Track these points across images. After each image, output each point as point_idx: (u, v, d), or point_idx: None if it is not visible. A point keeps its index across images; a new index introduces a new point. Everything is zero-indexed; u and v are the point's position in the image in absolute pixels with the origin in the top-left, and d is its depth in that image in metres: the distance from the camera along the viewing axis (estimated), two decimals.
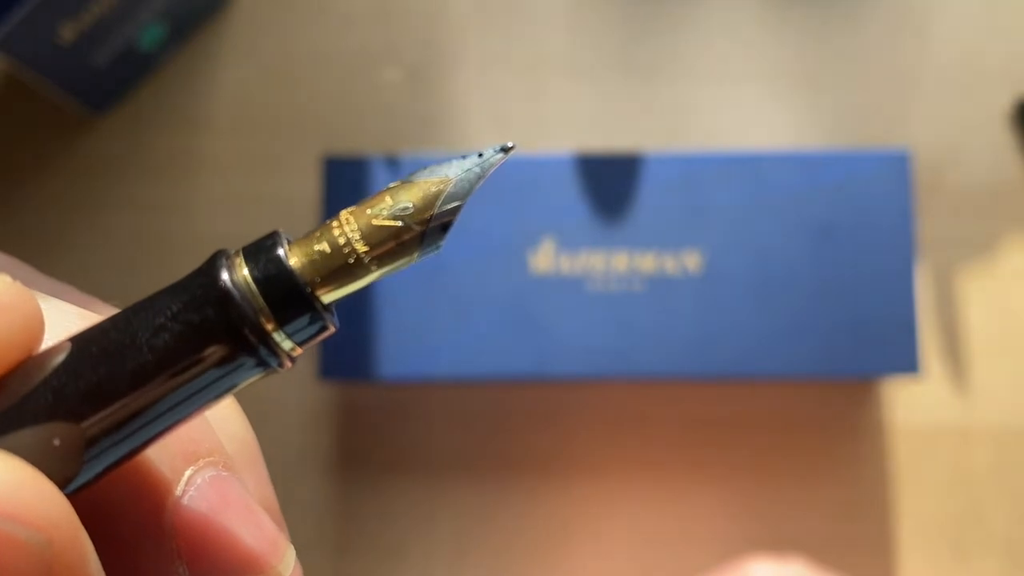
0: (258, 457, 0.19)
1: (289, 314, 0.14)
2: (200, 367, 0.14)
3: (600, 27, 0.44)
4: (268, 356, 0.14)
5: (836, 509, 0.40)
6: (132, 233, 0.42)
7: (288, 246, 0.14)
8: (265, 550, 0.15)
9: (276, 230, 0.15)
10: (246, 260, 0.14)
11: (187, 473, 0.15)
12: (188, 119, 0.43)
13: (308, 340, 0.14)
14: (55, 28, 0.37)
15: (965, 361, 0.41)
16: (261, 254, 0.14)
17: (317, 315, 0.14)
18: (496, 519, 0.40)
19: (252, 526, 0.15)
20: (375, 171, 0.38)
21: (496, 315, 0.37)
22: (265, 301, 0.14)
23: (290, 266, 0.14)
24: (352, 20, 0.44)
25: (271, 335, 0.14)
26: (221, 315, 0.14)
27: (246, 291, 0.14)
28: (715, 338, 0.36)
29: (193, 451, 0.15)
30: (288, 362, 0.14)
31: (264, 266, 0.14)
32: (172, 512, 0.15)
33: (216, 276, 0.14)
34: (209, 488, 0.15)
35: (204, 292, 0.14)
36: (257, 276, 0.14)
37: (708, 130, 0.43)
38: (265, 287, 0.14)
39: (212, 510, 0.15)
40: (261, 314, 0.14)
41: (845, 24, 0.43)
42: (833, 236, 0.37)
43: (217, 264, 0.14)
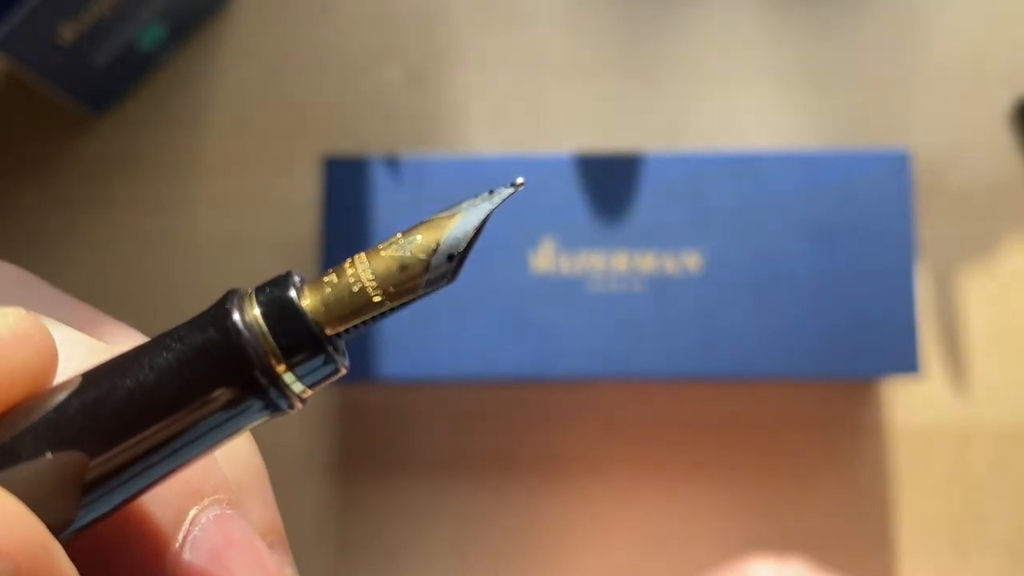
0: (264, 479, 0.19)
1: (300, 356, 0.14)
2: (209, 409, 0.14)
3: (600, 27, 0.44)
4: (278, 398, 0.14)
5: (836, 509, 0.40)
6: (132, 233, 0.42)
7: (300, 286, 0.14)
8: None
9: (290, 271, 0.15)
10: (257, 300, 0.14)
11: (191, 513, 0.15)
12: (188, 119, 0.43)
13: (319, 382, 0.14)
14: (55, 28, 0.37)
15: (965, 361, 0.41)
16: (273, 294, 0.14)
17: (328, 357, 0.14)
18: (496, 519, 0.40)
19: (255, 565, 0.15)
20: (375, 171, 0.38)
21: (496, 315, 0.37)
22: (276, 342, 0.14)
23: (302, 307, 0.14)
24: (352, 20, 0.44)
25: (281, 376, 0.14)
26: (231, 356, 0.14)
27: (257, 332, 0.14)
28: (715, 338, 0.36)
29: (198, 489, 0.15)
30: (298, 403, 0.14)
31: (275, 306, 0.14)
32: (175, 555, 0.15)
33: (227, 316, 0.14)
34: (213, 528, 0.15)
35: (215, 332, 0.14)
36: (268, 317, 0.14)
37: (708, 130, 0.43)
38: (276, 328, 0.14)
39: (216, 550, 0.15)
40: (272, 355, 0.14)
41: (845, 24, 0.43)
42: (833, 236, 0.37)
43: (228, 303, 0.14)
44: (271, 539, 0.18)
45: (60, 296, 0.20)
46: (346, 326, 0.14)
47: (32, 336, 0.14)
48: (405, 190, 0.38)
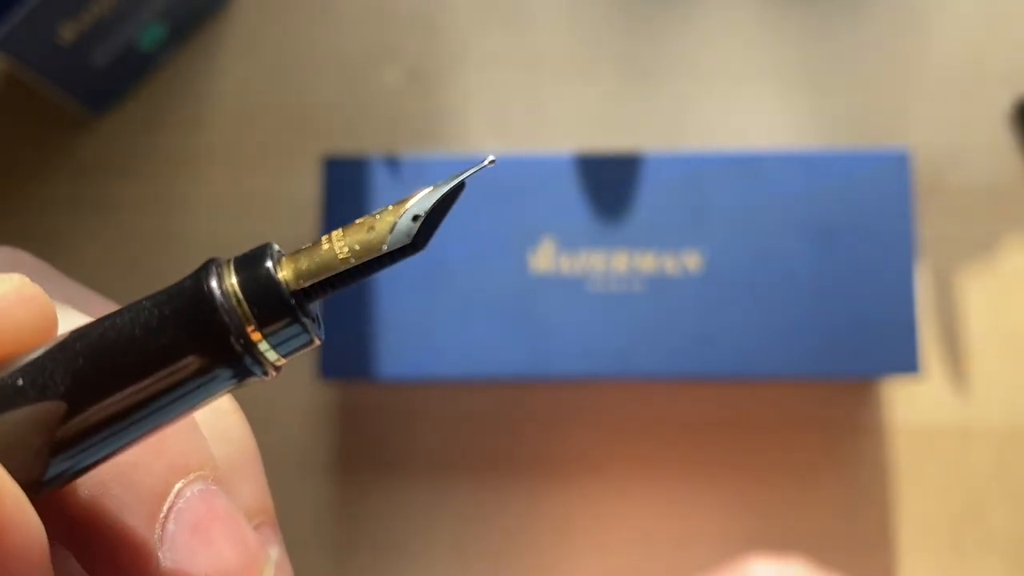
0: (256, 460, 0.19)
1: (274, 323, 0.14)
2: (184, 372, 0.14)
3: (600, 27, 0.44)
4: (253, 365, 0.14)
5: (836, 509, 0.40)
6: (132, 233, 0.42)
7: (277, 257, 0.15)
8: (245, 565, 0.16)
9: (268, 242, 0.15)
10: (236, 270, 0.14)
11: (177, 486, 0.16)
12: (188, 119, 0.43)
13: (293, 351, 0.15)
14: (55, 28, 0.37)
15: (965, 361, 0.41)
16: (251, 264, 0.14)
17: (302, 326, 0.14)
18: (496, 519, 0.40)
19: (235, 540, 0.16)
20: (375, 171, 0.38)
21: (496, 315, 0.37)
22: (251, 310, 0.14)
23: (277, 276, 0.14)
24: (352, 20, 0.44)
25: (256, 344, 0.14)
26: (208, 322, 0.14)
27: (233, 299, 0.14)
28: (715, 338, 0.36)
29: (184, 464, 0.16)
30: (272, 371, 0.15)
31: (252, 276, 0.14)
32: (160, 525, 0.15)
33: (205, 283, 0.14)
34: (198, 501, 0.16)
35: (193, 298, 0.14)
36: (245, 285, 0.14)
37: (708, 130, 0.43)
38: (252, 296, 0.14)
39: (199, 522, 0.16)
40: (247, 323, 0.14)
41: (845, 24, 0.43)
42: (833, 236, 0.37)
43: (207, 272, 0.14)
44: (261, 519, 0.19)
45: (74, 286, 0.20)
46: (312, 281, 0.14)
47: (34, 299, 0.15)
48: (405, 190, 0.38)
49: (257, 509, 0.19)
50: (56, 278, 0.20)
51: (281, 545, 0.19)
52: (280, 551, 0.19)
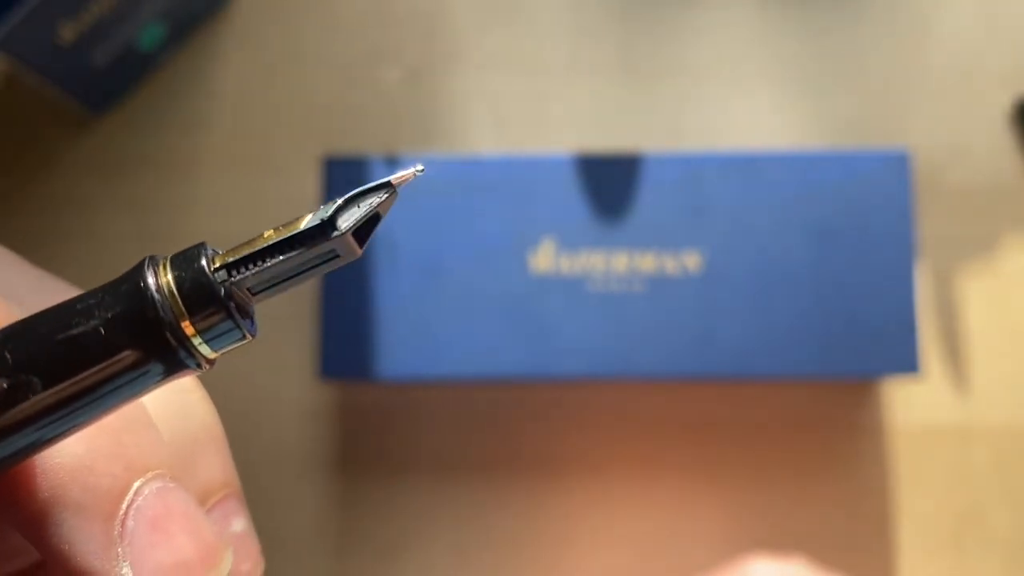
0: (219, 436, 0.20)
1: (207, 319, 0.15)
2: (120, 365, 0.15)
3: (600, 27, 0.44)
4: (187, 358, 0.15)
5: (836, 509, 0.40)
6: (132, 233, 0.42)
7: (211, 255, 0.15)
8: (203, 557, 0.17)
9: (203, 241, 0.16)
10: (171, 266, 0.15)
11: (136, 484, 0.16)
12: (188, 119, 0.43)
13: (226, 346, 0.15)
14: (55, 28, 0.37)
15: (965, 361, 0.41)
16: (185, 261, 0.15)
17: (233, 321, 0.15)
18: (496, 519, 0.40)
19: (193, 533, 0.17)
20: (375, 171, 0.38)
21: (496, 315, 0.37)
22: (184, 305, 0.15)
23: (210, 273, 0.15)
24: (352, 20, 0.44)
25: (190, 338, 0.15)
26: (144, 316, 0.15)
27: (167, 294, 0.15)
28: (715, 338, 0.36)
29: (141, 463, 0.17)
30: (207, 365, 0.15)
31: (186, 271, 0.15)
32: (121, 520, 0.16)
33: (140, 279, 0.15)
34: (155, 499, 0.17)
35: (129, 294, 0.15)
36: (179, 281, 0.15)
37: (708, 130, 0.43)
38: (185, 291, 0.15)
39: (157, 518, 0.16)
40: (180, 317, 0.15)
41: (845, 24, 0.43)
42: (833, 236, 0.37)
43: (143, 268, 0.15)
44: (225, 492, 0.20)
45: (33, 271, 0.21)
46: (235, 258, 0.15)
47: None
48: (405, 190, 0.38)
49: (221, 483, 0.20)
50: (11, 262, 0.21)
51: (247, 518, 0.20)
52: (246, 524, 0.20)
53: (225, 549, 0.17)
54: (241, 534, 0.20)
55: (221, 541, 0.17)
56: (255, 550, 0.20)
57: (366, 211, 0.15)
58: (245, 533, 0.20)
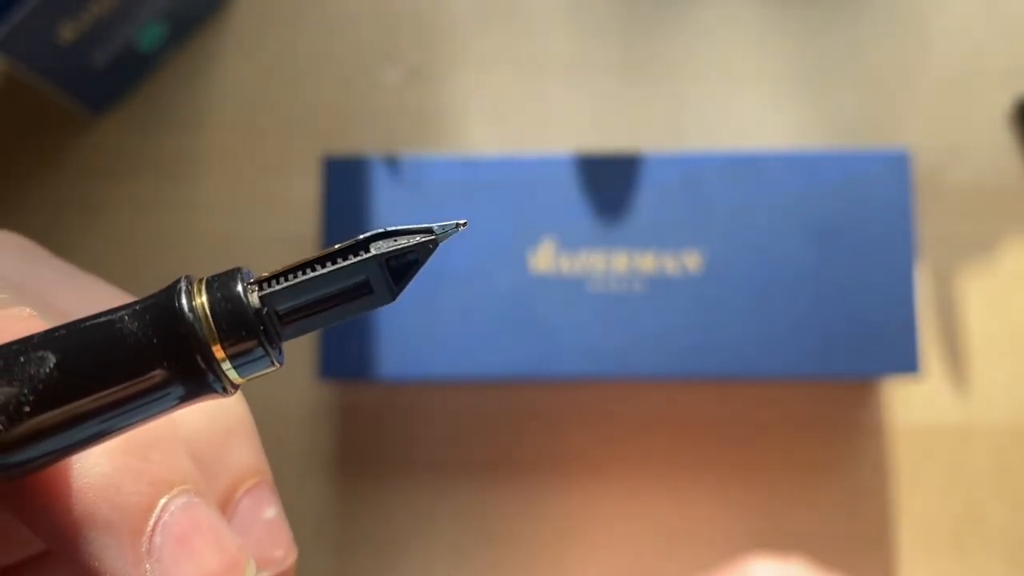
0: (250, 425, 0.21)
1: (239, 345, 0.15)
2: (148, 383, 0.15)
3: (600, 27, 0.44)
4: (214, 382, 0.15)
5: (836, 509, 0.40)
6: (132, 233, 0.42)
7: (247, 281, 0.15)
8: (227, 569, 0.17)
9: (240, 267, 0.15)
10: (206, 289, 0.15)
11: (162, 501, 0.17)
12: (188, 119, 0.43)
13: (253, 373, 0.15)
14: (55, 28, 0.37)
15: (965, 361, 0.41)
16: (221, 285, 0.15)
17: (264, 349, 0.15)
18: (496, 519, 0.40)
19: (218, 548, 0.17)
20: (375, 171, 0.38)
21: (496, 315, 0.37)
22: (218, 329, 0.15)
23: (246, 299, 0.15)
24: (352, 20, 0.44)
25: (219, 363, 0.15)
26: (175, 337, 0.15)
27: (201, 317, 0.15)
28: (715, 338, 0.36)
29: (168, 480, 0.17)
30: (232, 389, 0.15)
31: (221, 296, 0.15)
32: (149, 537, 0.16)
33: (176, 300, 0.15)
34: (182, 514, 0.17)
35: (162, 313, 0.15)
36: (213, 305, 0.15)
37: (708, 130, 0.43)
38: (219, 316, 0.15)
39: (183, 534, 0.17)
40: (213, 341, 0.15)
41: (845, 24, 0.43)
42: (833, 236, 0.37)
43: (178, 288, 0.15)
44: (257, 479, 0.20)
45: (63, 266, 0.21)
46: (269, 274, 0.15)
47: None
48: (405, 190, 0.38)
49: (253, 470, 0.20)
50: (46, 259, 0.21)
51: (278, 506, 0.20)
52: (277, 511, 0.20)
53: (247, 560, 0.18)
54: (273, 521, 0.20)
55: (243, 552, 0.18)
56: (287, 537, 0.21)
57: (401, 246, 0.15)
58: (277, 520, 0.21)
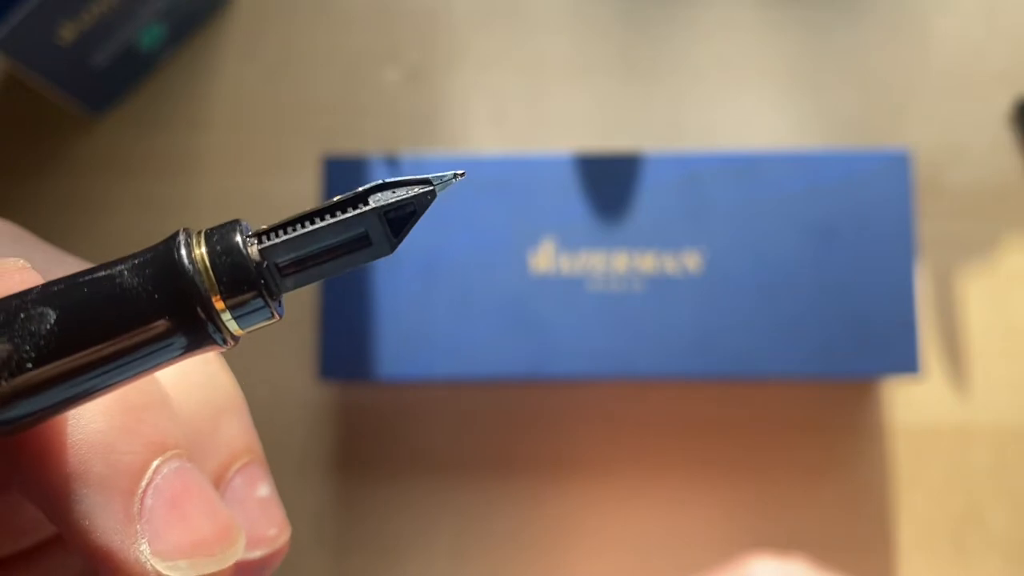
0: (241, 403, 0.21)
1: (238, 295, 0.15)
2: (149, 334, 0.15)
3: (600, 27, 0.44)
4: (214, 332, 0.15)
5: (836, 509, 0.40)
6: (132, 233, 0.42)
7: (246, 233, 0.15)
8: (219, 537, 0.17)
9: (238, 218, 0.16)
10: (205, 240, 0.15)
11: (155, 463, 0.17)
12: (188, 119, 0.43)
13: (254, 324, 0.15)
14: (55, 28, 0.37)
15: (965, 361, 0.41)
16: (220, 236, 0.15)
17: (264, 300, 0.15)
18: (496, 519, 0.40)
19: (208, 514, 0.17)
20: (375, 171, 0.38)
21: (496, 315, 0.37)
22: (217, 280, 0.15)
23: (245, 250, 0.15)
24: (352, 20, 0.44)
25: (219, 313, 0.15)
26: (176, 288, 0.15)
27: (201, 268, 0.15)
28: (715, 338, 0.36)
29: (160, 442, 0.17)
30: (231, 341, 0.15)
31: (221, 247, 0.15)
32: (140, 498, 0.16)
33: (175, 251, 0.15)
34: (174, 478, 0.17)
35: (162, 265, 0.15)
36: (213, 256, 0.15)
37: (708, 130, 0.43)
38: (218, 267, 0.15)
39: (174, 497, 0.17)
40: (212, 292, 0.15)
41: (845, 24, 0.43)
42: (833, 236, 0.37)
43: (177, 240, 0.15)
44: (248, 458, 0.20)
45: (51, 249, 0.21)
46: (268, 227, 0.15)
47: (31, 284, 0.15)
48: None
49: (245, 448, 0.20)
50: (33, 242, 0.21)
51: (271, 484, 0.20)
52: (270, 489, 0.20)
53: (239, 531, 0.17)
54: (266, 499, 0.20)
55: (235, 523, 0.18)
56: (280, 515, 0.21)
57: (400, 197, 0.15)
58: (270, 498, 0.21)
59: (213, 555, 0.17)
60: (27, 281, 0.15)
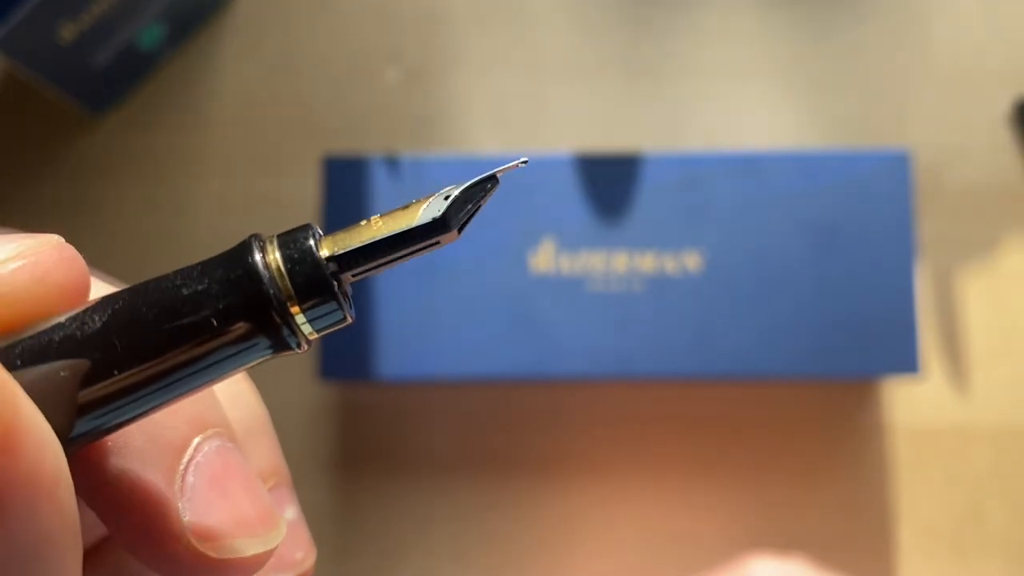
0: (268, 425, 0.20)
1: (313, 299, 0.15)
2: (222, 341, 0.15)
3: (600, 27, 0.44)
4: (288, 336, 0.15)
5: (836, 509, 0.40)
6: (132, 233, 0.42)
7: (318, 237, 0.15)
8: (261, 515, 0.17)
9: (309, 223, 0.16)
10: (279, 245, 0.15)
11: (196, 440, 0.16)
12: (188, 119, 0.43)
13: (327, 327, 0.15)
14: (55, 28, 0.37)
15: (965, 361, 0.41)
16: (293, 240, 0.15)
17: (338, 303, 0.15)
18: (496, 519, 0.40)
19: (250, 495, 0.17)
20: (375, 171, 0.38)
21: (496, 315, 0.37)
22: (292, 285, 0.15)
23: (318, 254, 0.15)
24: (352, 20, 0.44)
25: (294, 318, 0.15)
26: (250, 294, 0.15)
27: (275, 274, 0.15)
28: (715, 338, 0.36)
29: (202, 420, 0.17)
30: (305, 344, 0.15)
31: (294, 252, 0.15)
32: (181, 475, 0.16)
33: (249, 257, 0.15)
34: (215, 456, 0.16)
35: (236, 271, 0.15)
36: (287, 260, 0.15)
37: (708, 130, 0.43)
38: (293, 272, 0.15)
39: (216, 476, 0.16)
40: (288, 297, 0.15)
41: (845, 24, 0.43)
42: (833, 236, 0.37)
43: (250, 246, 0.15)
44: (275, 480, 0.20)
45: None
46: (344, 249, 0.15)
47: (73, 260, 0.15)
48: (405, 190, 0.38)
49: (271, 471, 0.20)
50: None
51: (297, 506, 0.20)
52: (297, 512, 0.20)
53: (281, 517, 0.17)
54: (293, 522, 0.20)
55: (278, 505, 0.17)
56: (307, 539, 0.20)
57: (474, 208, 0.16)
58: (297, 522, 0.20)
59: (256, 535, 0.16)
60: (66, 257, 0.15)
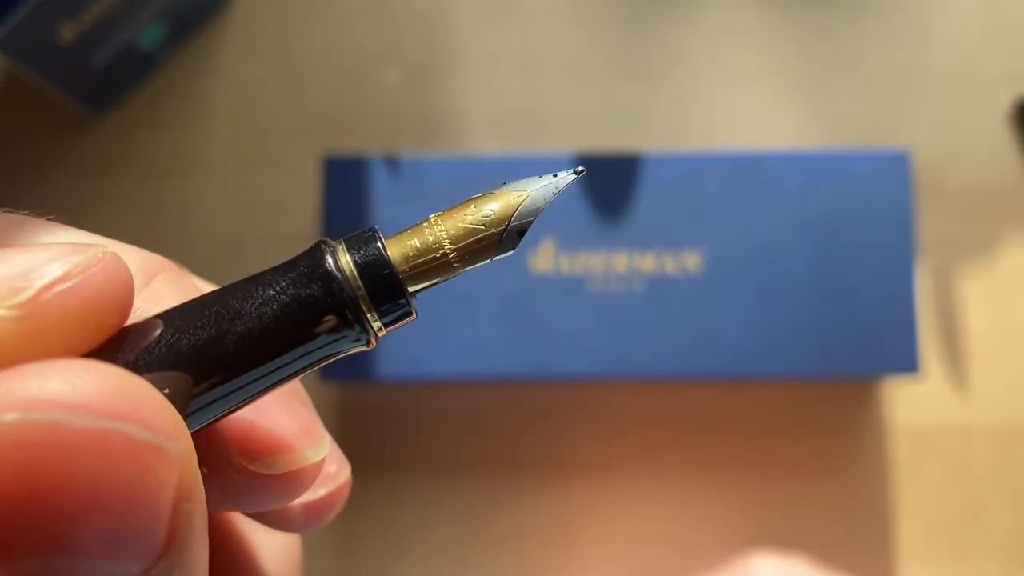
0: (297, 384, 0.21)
1: (384, 299, 0.16)
2: (302, 337, 0.16)
3: (600, 27, 0.44)
4: (361, 334, 0.16)
5: (836, 509, 0.40)
6: (132, 233, 0.42)
7: (384, 240, 0.16)
8: (302, 434, 0.18)
9: (373, 226, 0.16)
10: (348, 250, 0.16)
11: None
12: (188, 119, 0.43)
13: (394, 323, 0.16)
14: (55, 28, 0.37)
15: (965, 361, 0.41)
16: (361, 244, 0.16)
17: (406, 303, 0.16)
18: (496, 519, 0.40)
19: (292, 414, 0.18)
20: (375, 171, 0.38)
21: (496, 315, 0.37)
22: (366, 287, 0.16)
23: (388, 257, 0.16)
24: (352, 20, 0.44)
25: (366, 315, 0.16)
26: (326, 294, 0.16)
27: (349, 275, 0.16)
28: (715, 338, 0.36)
29: None
30: (375, 341, 0.16)
31: (364, 255, 0.16)
32: None
33: (321, 260, 0.16)
34: None
35: (311, 273, 0.16)
36: (358, 263, 0.16)
37: (708, 130, 0.43)
38: (365, 273, 0.16)
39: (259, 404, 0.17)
40: (360, 297, 0.16)
41: (845, 24, 0.43)
42: (833, 236, 0.37)
43: (321, 250, 0.16)
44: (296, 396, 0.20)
45: None
46: (426, 284, 0.16)
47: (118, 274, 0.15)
48: (405, 190, 0.38)
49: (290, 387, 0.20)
50: None
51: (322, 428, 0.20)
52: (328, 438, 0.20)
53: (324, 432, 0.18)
54: None
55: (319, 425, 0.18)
56: (338, 453, 0.21)
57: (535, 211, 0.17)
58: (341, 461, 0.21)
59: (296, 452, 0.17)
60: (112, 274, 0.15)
